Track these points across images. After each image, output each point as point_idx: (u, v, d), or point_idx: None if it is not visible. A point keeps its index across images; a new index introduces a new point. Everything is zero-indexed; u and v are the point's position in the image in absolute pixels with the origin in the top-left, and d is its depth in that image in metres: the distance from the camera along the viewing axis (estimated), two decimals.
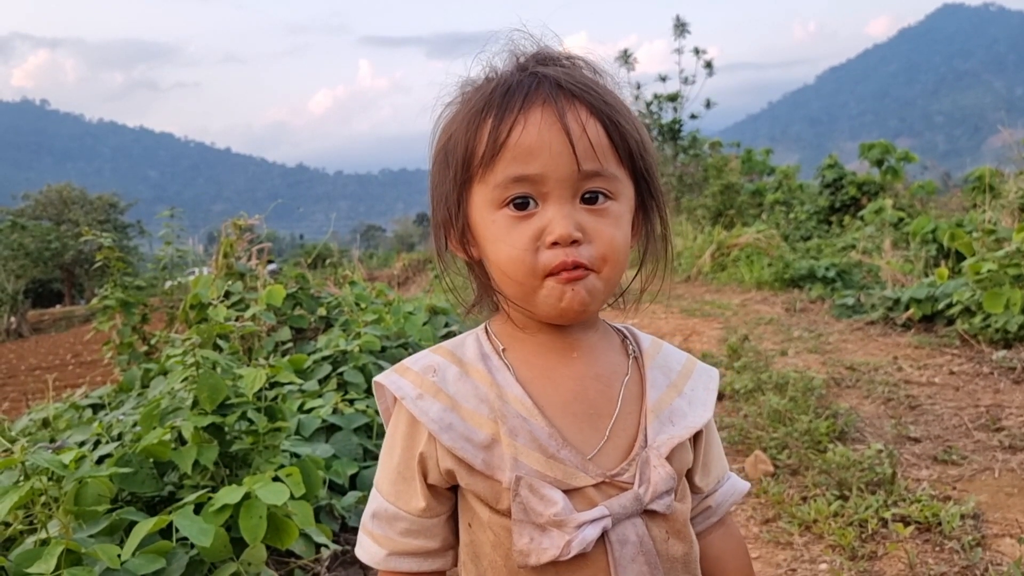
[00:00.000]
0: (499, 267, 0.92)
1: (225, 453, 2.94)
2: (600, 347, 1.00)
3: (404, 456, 0.98)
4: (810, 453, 3.69)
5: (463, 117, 0.93)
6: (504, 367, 0.97)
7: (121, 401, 4.61)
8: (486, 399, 0.94)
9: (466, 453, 0.93)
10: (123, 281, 5.50)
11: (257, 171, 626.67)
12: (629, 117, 0.93)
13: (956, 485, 3.42)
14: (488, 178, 0.90)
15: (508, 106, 0.89)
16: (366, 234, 61.65)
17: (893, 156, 18.09)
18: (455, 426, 0.94)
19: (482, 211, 0.92)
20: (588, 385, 0.97)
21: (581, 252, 0.88)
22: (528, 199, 0.89)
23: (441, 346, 1.02)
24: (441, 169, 0.96)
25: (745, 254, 13.36)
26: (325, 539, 2.76)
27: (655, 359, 1.03)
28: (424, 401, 0.95)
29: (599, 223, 0.89)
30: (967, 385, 5.08)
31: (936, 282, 7.40)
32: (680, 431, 0.97)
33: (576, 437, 0.94)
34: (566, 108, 0.88)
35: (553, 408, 0.94)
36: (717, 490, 1.08)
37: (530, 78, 0.91)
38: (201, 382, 2.89)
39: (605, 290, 0.92)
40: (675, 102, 24.50)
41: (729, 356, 6.04)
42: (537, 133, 0.87)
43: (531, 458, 0.91)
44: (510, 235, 0.89)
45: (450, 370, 0.98)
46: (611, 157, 0.90)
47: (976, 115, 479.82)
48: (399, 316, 5.40)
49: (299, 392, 4.04)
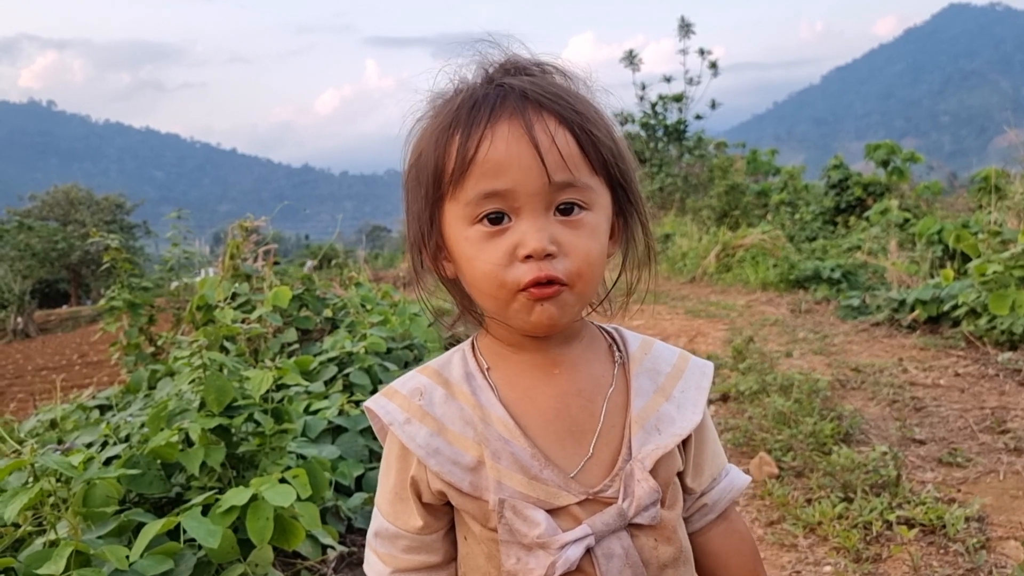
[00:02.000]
0: (474, 283, 0.92)
1: (232, 454, 2.96)
2: (583, 359, 1.00)
3: (398, 478, 1.00)
4: (815, 455, 3.70)
5: (431, 133, 0.92)
6: (488, 387, 0.97)
7: (128, 402, 4.64)
8: (471, 421, 0.95)
9: (453, 477, 0.94)
10: (130, 282, 5.52)
11: (263, 171, 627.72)
12: (602, 124, 0.92)
13: (961, 487, 3.42)
14: (459, 195, 0.89)
15: (475, 121, 0.88)
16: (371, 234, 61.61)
17: (899, 157, 18.05)
18: (442, 451, 0.95)
19: (455, 228, 0.91)
20: (570, 402, 0.96)
21: (555, 266, 0.87)
22: (502, 214, 0.88)
23: (428, 366, 1.03)
24: (413, 187, 0.95)
25: (750, 255, 13.34)
26: (331, 540, 2.77)
27: (642, 363, 1.02)
28: (411, 426, 0.97)
29: (574, 235, 0.88)
30: (972, 387, 5.07)
31: (942, 283, 7.39)
32: (666, 440, 0.97)
33: (559, 455, 0.94)
34: (533, 120, 0.87)
35: (535, 428, 0.95)
36: (713, 488, 1.07)
37: (496, 90, 0.90)
38: (208, 384, 2.91)
39: (578, 303, 0.92)
40: (680, 103, 24.50)
41: (734, 358, 6.04)
42: (505, 147, 0.86)
43: (514, 480, 0.92)
44: (484, 251, 0.88)
45: (436, 392, 0.99)
46: (583, 167, 0.89)
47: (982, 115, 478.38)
48: (404, 317, 5.41)
49: (305, 393, 4.06)
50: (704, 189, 21.04)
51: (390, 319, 5.35)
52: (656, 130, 24.37)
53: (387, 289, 6.51)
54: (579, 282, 0.89)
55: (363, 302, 5.65)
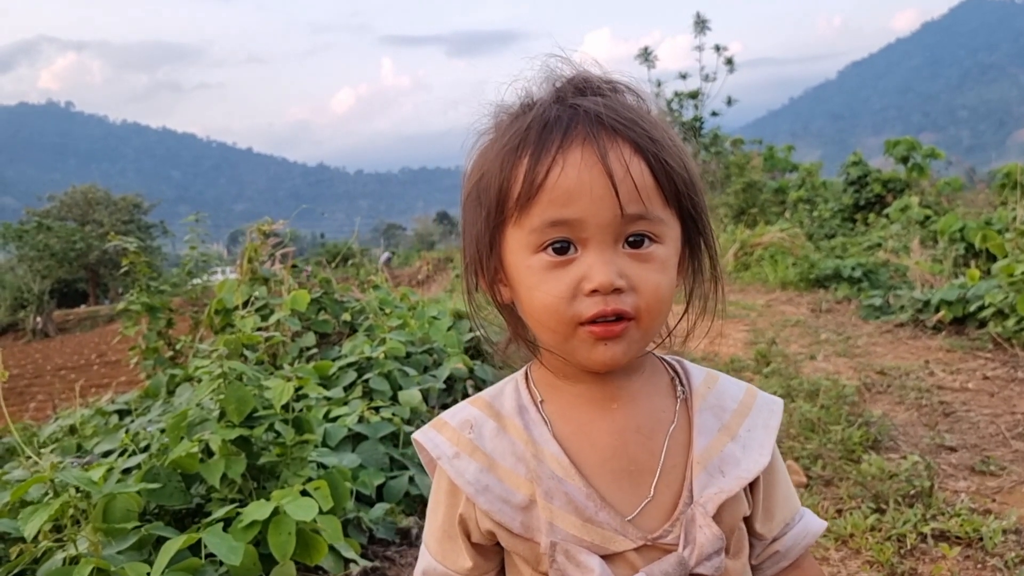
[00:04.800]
0: (533, 314, 0.87)
1: (253, 465, 2.92)
2: (643, 393, 0.94)
3: (447, 515, 0.96)
4: (844, 464, 3.62)
5: (497, 154, 0.87)
6: (541, 421, 0.92)
7: (147, 407, 4.62)
8: (523, 457, 0.91)
9: (504, 516, 0.90)
10: (148, 285, 5.50)
11: (278, 170, 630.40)
12: (675, 152, 0.86)
13: (996, 497, 3.33)
14: (524, 221, 0.84)
15: (545, 144, 0.83)
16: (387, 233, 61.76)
17: (919, 153, 17.87)
18: (492, 488, 0.90)
19: (517, 255, 0.86)
20: (629, 439, 0.91)
21: (624, 300, 0.82)
22: (568, 244, 0.83)
23: (480, 396, 0.98)
24: (473, 208, 0.90)
25: (769, 253, 13.25)
26: (354, 554, 2.73)
27: (706, 398, 0.95)
28: (460, 461, 0.92)
29: (643, 270, 0.83)
30: (1002, 391, 4.98)
31: (967, 283, 7.27)
32: (731, 483, 0.90)
33: (616, 497, 0.89)
34: (608, 147, 0.82)
35: (591, 466, 0.90)
36: (786, 533, 0.99)
37: (569, 112, 0.84)
38: (228, 394, 2.87)
39: (643, 340, 0.87)
40: (696, 99, 24.37)
41: (757, 361, 5.96)
42: (577, 175, 0.81)
43: (567, 522, 0.88)
44: (546, 282, 0.84)
45: (487, 425, 0.94)
46: (656, 199, 0.84)
47: (1001, 109, 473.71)
48: (423, 321, 5.37)
49: (325, 400, 4.02)
50: (721, 186, 20.91)
51: (409, 322, 5.31)
52: (672, 127, 24.25)
53: (405, 291, 6.46)
54: (647, 318, 0.84)
55: (381, 305, 5.61)
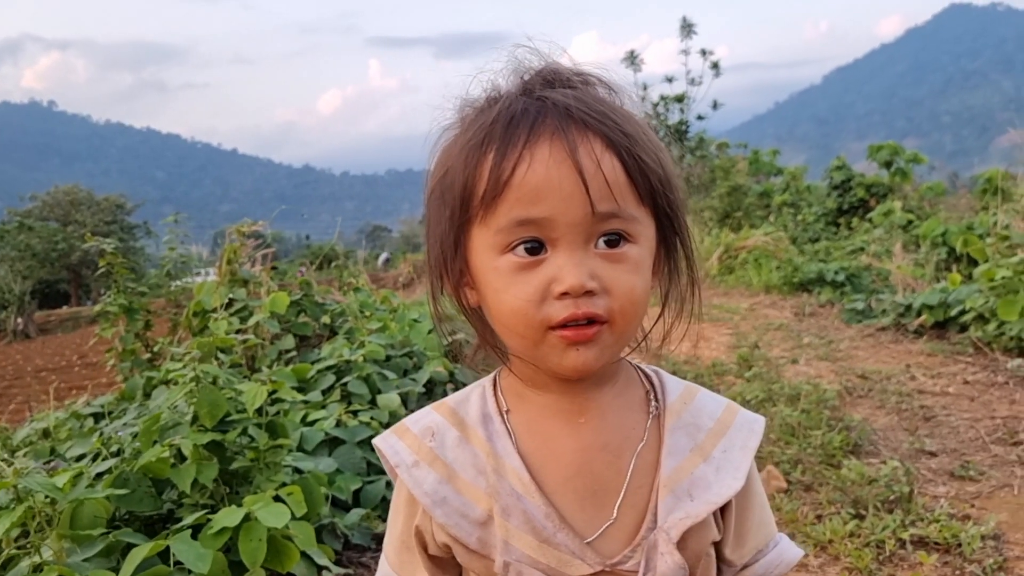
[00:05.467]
0: (500, 318, 0.82)
1: (225, 470, 2.87)
2: (614, 407, 0.89)
3: (405, 525, 0.92)
4: (824, 469, 3.61)
5: (461, 149, 0.82)
6: (505, 433, 0.88)
7: (123, 410, 4.55)
8: (484, 470, 0.87)
9: (460, 531, 0.86)
10: (126, 287, 5.43)
11: (264, 172, 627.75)
12: (651, 147, 0.81)
13: (975, 503, 3.33)
14: (490, 220, 0.79)
15: (512, 139, 0.78)
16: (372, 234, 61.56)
17: (902, 158, 17.97)
18: (450, 500, 0.87)
19: (483, 256, 0.81)
20: (594, 457, 0.86)
21: (595, 303, 0.77)
22: (538, 244, 0.78)
23: (445, 402, 0.94)
24: (437, 206, 0.85)
25: (753, 257, 13.27)
26: (327, 561, 2.69)
27: (681, 415, 0.90)
28: (419, 470, 0.88)
29: (616, 271, 0.78)
30: (982, 395, 4.98)
31: (948, 288, 7.29)
32: (699, 508, 0.85)
33: (577, 517, 0.85)
34: (578, 141, 0.77)
35: (553, 484, 0.85)
36: (758, 560, 0.94)
37: (536, 104, 0.79)
38: (201, 398, 2.83)
39: (617, 345, 0.82)
40: (682, 103, 24.41)
41: (739, 365, 5.95)
42: (545, 171, 0.76)
43: (523, 541, 0.84)
44: (514, 284, 0.79)
45: (450, 434, 0.90)
46: (630, 196, 0.79)
47: (984, 115, 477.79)
48: (404, 324, 5.33)
49: (302, 404, 3.97)
50: (706, 190, 20.94)
51: (389, 325, 5.26)
52: (657, 131, 24.25)
53: (386, 294, 6.41)
54: (621, 321, 0.79)
55: (362, 308, 5.56)
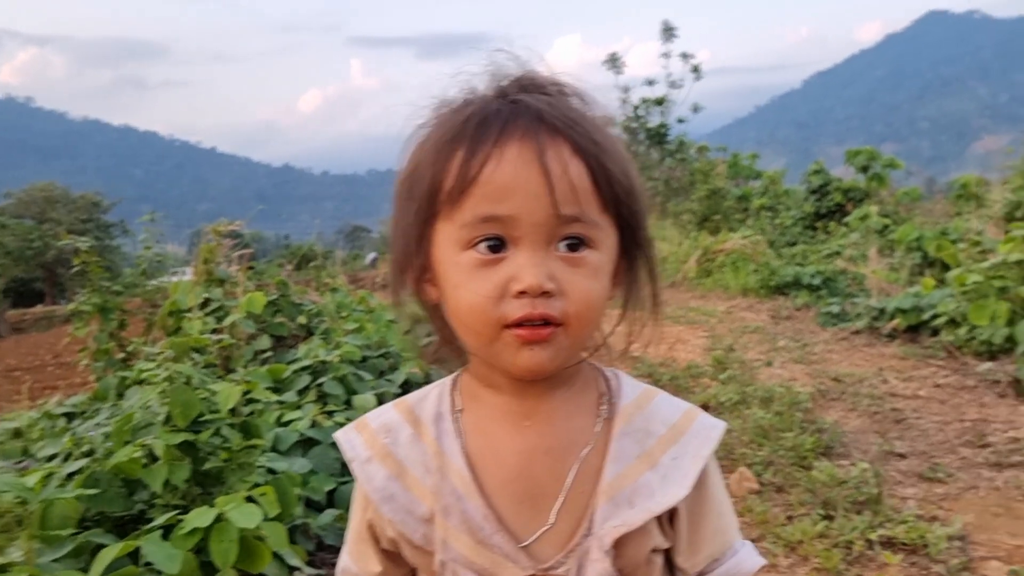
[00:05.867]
0: (457, 314, 0.83)
1: (197, 470, 2.86)
2: (562, 411, 0.88)
3: (360, 518, 0.95)
4: (795, 470, 3.65)
5: (432, 145, 0.83)
6: (454, 432, 0.89)
7: (96, 410, 4.52)
8: (431, 469, 0.88)
9: (406, 527, 0.88)
10: (101, 286, 5.39)
11: (243, 171, 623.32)
12: (617, 158, 0.83)
13: (942, 504, 3.38)
14: (455, 215, 0.80)
15: (482, 137, 0.79)
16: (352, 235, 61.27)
17: (879, 163, 18.12)
18: (397, 497, 0.88)
19: (446, 251, 0.82)
20: (535, 460, 0.86)
21: (551, 305, 0.78)
22: (500, 241, 0.79)
23: (405, 400, 0.95)
24: (404, 200, 0.86)
25: (731, 260, 13.33)
26: (299, 562, 2.69)
27: (632, 421, 0.89)
28: (371, 466, 0.90)
29: (575, 274, 0.79)
30: (952, 398, 5.05)
31: (921, 292, 7.39)
32: (636, 516, 0.85)
33: (515, 520, 0.86)
34: (547, 144, 0.78)
35: (494, 486, 0.86)
36: (713, 570, 0.92)
37: (509, 107, 0.81)
38: (174, 398, 2.82)
39: (572, 348, 0.82)
40: (662, 106, 24.52)
41: (714, 367, 6.00)
42: (512, 170, 0.78)
43: (460, 542, 0.85)
44: (473, 280, 0.80)
45: (404, 431, 0.91)
46: (593, 202, 0.80)
47: (960, 121, 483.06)
48: (380, 325, 5.32)
49: (277, 404, 3.96)
50: (685, 193, 21.03)
51: (366, 326, 5.26)
52: (638, 134, 24.38)
53: (363, 295, 6.41)
54: (575, 324, 0.80)
55: (338, 308, 5.55)
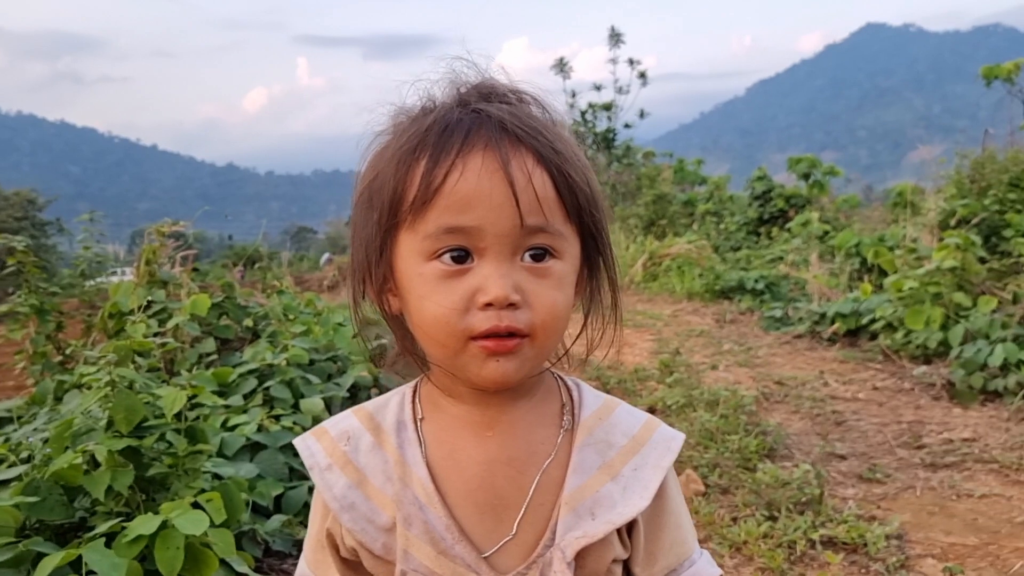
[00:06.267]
0: (422, 325, 0.82)
1: (141, 477, 2.80)
2: (525, 422, 0.89)
3: (319, 526, 0.94)
4: (740, 472, 3.72)
5: (393, 154, 0.82)
6: (416, 441, 0.90)
7: (33, 414, 4.39)
8: (392, 477, 0.88)
9: (366, 536, 0.88)
10: (37, 286, 5.24)
11: (185, 169, 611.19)
12: (579, 167, 0.84)
13: (881, 504, 3.48)
14: (418, 226, 0.80)
15: (445, 147, 0.79)
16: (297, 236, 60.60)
17: (820, 170, 18.60)
18: (358, 506, 0.88)
19: (409, 262, 0.82)
20: (497, 471, 0.87)
21: (517, 317, 0.78)
22: (465, 253, 0.79)
23: (364, 407, 0.95)
24: (365, 210, 0.85)
25: (676, 264, 13.52)
26: (247, 568, 2.65)
27: (593, 432, 0.90)
28: (331, 474, 0.90)
29: (540, 285, 0.80)
30: (890, 401, 5.20)
31: (860, 297, 7.60)
32: (598, 527, 0.85)
33: (477, 531, 0.86)
34: (510, 154, 0.79)
35: (455, 496, 0.87)
36: None
37: (471, 116, 0.81)
38: (117, 402, 2.75)
39: (537, 359, 0.83)
40: (609, 111, 24.76)
41: (661, 371, 6.08)
42: (476, 181, 0.78)
43: (422, 552, 0.86)
44: (438, 292, 0.79)
45: (364, 439, 0.91)
46: (558, 212, 0.81)
47: (897, 131, 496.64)
48: (328, 328, 5.27)
49: (223, 408, 3.90)
50: (632, 198, 21.26)
51: (313, 329, 5.20)
52: (585, 138, 24.58)
53: (311, 297, 6.34)
54: (542, 335, 0.81)
55: (285, 311, 5.48)
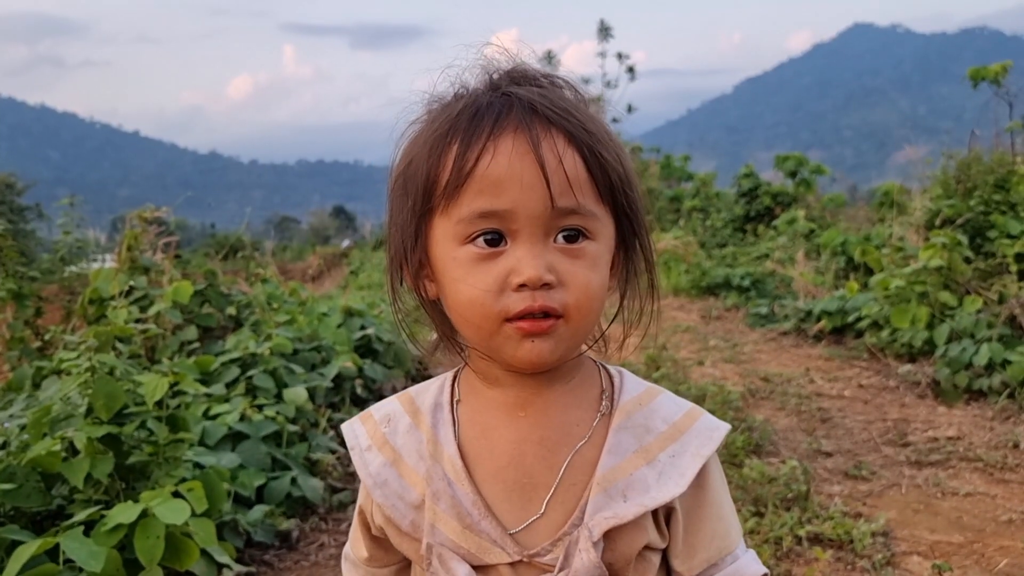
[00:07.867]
0: (457, 308, 0.83)
1: (121, 465, 2.75)
2: (559, 404, 0.88)
3: (359, 504, 0.98)
4: (727, 468, 3.70)
5: (425, 140, 0.83)
6: (450, 422, 0.91)
7: (10, 401, 4.33)
8: (424, 456, 0.89)
9: (395, 512, 0.89)
10: (16, 271, 5.16)
11: (167, 156, 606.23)
12: (612, 147, 0.83)
13: (866, 501, 3.47)
14: (451, 211, 0.80)
15: (476, 131, 0.79)
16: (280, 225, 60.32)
17: (806, 168, 18.63)
18: (390, 483, 0.90)
19: (443, 246, 0.82)
20: (527, 450, 0.87)
21: (552, 296, 0.78)
22: (499, 235, 0.80)
23: (407, 391, 0.97)
24: (399, 196, 0.86)
25: (663, 260, 13.52)
26: (228, 559, 2.61)
27: (632, 416, 0.88)
28: (370, 454, 0.92)
29: (574, 266, 0.80)
30: (875, 399, 5.21)
31: (846, 295, 7.61)
32: (629, 509, 0.83)
33: (504, 508, 0.86)
34: (541, 136, 0.79)
35: (484, 473, 0.87)
36: (711, 574, 0.89)
37: (502, 99, 0.81)
38: (97, 389, 2.70)
39: (573, 340, 0.82)
40: (597, 105, 24.75)
41: (647, 366, 6.06)
42: (507, 163, 0.78)
43: (448, 526, 0.86)
44: (473, 274, 0.80)
45: (403, 421, 0.93)
46: (590, 193, 0.81)
47: (882, 131, 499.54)
48: (312, 317, 5.23)
49: (205, 397, 3.85)
50: None
51: (297, 318, 5.16)
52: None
53: (295, 286, 6.29)
54: (576, 316, 0.80)
55: (269, 299, 5.43)
